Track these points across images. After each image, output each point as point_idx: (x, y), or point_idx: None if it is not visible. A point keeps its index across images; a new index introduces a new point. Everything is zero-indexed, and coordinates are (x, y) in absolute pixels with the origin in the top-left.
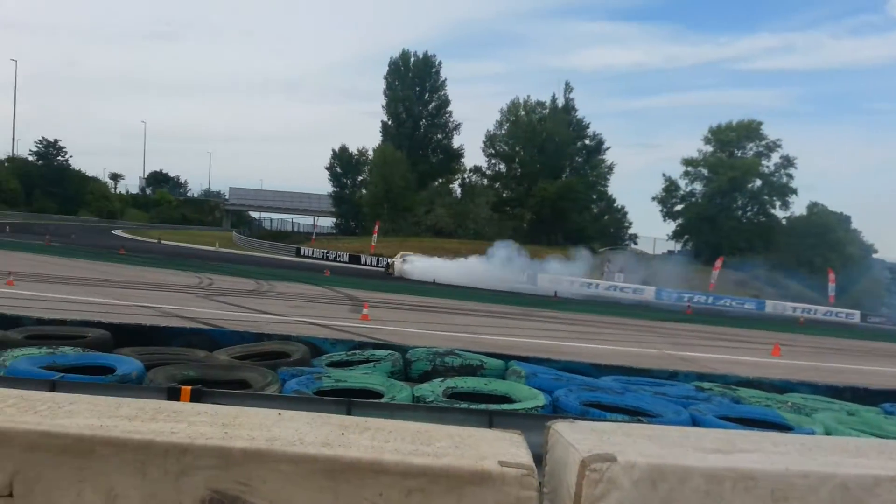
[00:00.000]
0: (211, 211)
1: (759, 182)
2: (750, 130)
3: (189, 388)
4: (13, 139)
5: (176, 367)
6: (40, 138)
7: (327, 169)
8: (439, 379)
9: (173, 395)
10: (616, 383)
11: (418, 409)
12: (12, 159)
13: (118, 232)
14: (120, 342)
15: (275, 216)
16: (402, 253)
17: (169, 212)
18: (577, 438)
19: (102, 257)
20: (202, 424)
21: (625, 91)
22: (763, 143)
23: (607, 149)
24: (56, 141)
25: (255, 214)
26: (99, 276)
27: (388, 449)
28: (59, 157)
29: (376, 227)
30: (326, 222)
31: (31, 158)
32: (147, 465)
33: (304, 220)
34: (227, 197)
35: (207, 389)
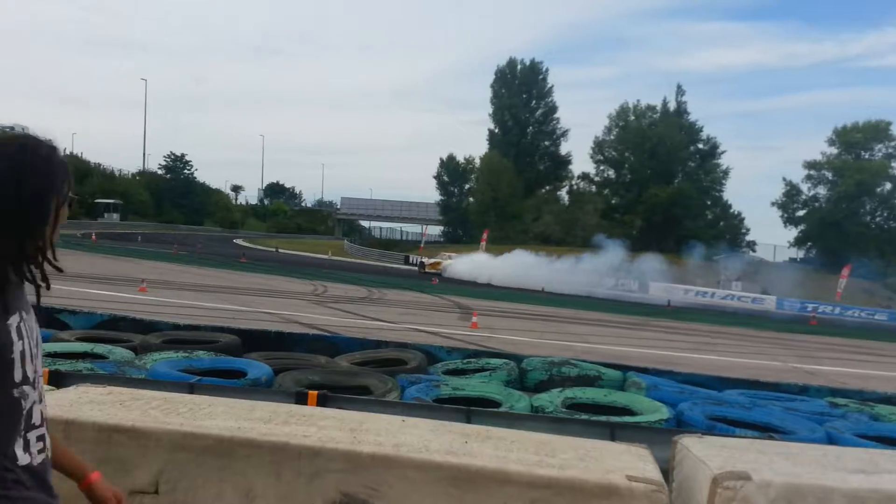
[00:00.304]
0: (324, 220)
1: (888, 185)
2: (878, 131)
3: (315, 392)
4: (144, 154)
5: (301, 372)
6: (168, 153)
7: (435, 178)
8: (557, 389)
9: (301, 399)
10: (742, 397)
11: (538, 420)
12: (143, 173)
13: (239, 241)
14: (248, 347)
15: (384, 225)
16: (444, 253)
17: (284, 221)
18: (707, 454)
19: (225, 265)
20: (331, 429)
21: (740, 92)
22: (893, 144)
23: (722, 153)
24: (182, 155)
25: (365, 223)
26: (223, 283)
27: (512, 459)
28: (186, 171)
29: (484, 235)
30: (435, 230)
31: (160, 172)
32: (282, 466)
33: (412, 229)
34: (338, 206)
35: (332, 395)
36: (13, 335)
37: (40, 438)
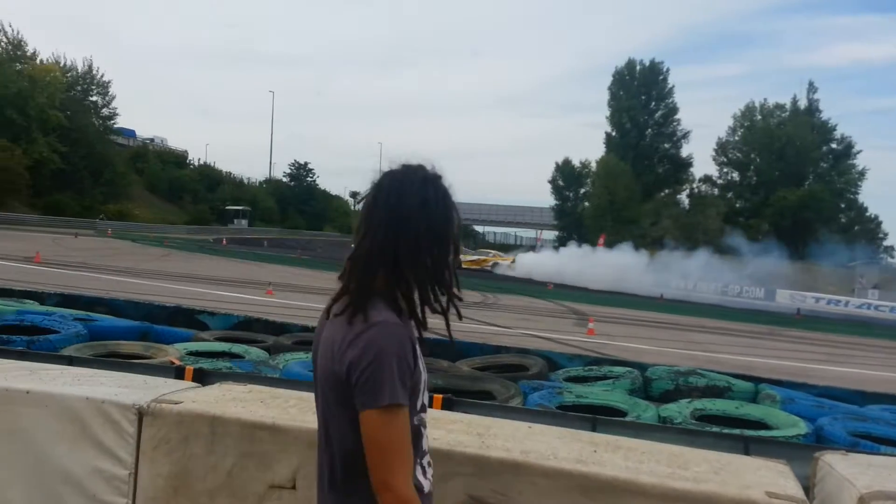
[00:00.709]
0: None
1: None
2: None
3: (440, 396)
4: (270, 163)
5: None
6: (292, 161)
7: (550, 182)
8: (686, 399)
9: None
10: (888, 413)
11: (666, 431)
12: (269, 181)
13: None
14: None
15: (498, 230)
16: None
17: None
18: (852, 473)
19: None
20: (459, 432)
21: (878, 88)
22: None
23: (858, 153)
24: (306, 163)
25: (478, 228)
26: None
27: (643, 470)
28: (308, 179)
29: (601, 240)
30: (549, 235)
31: (284, 180)
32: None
33: (526, 234)
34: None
35: (457, 399)
36: (421, 364)
37: (430, 464)
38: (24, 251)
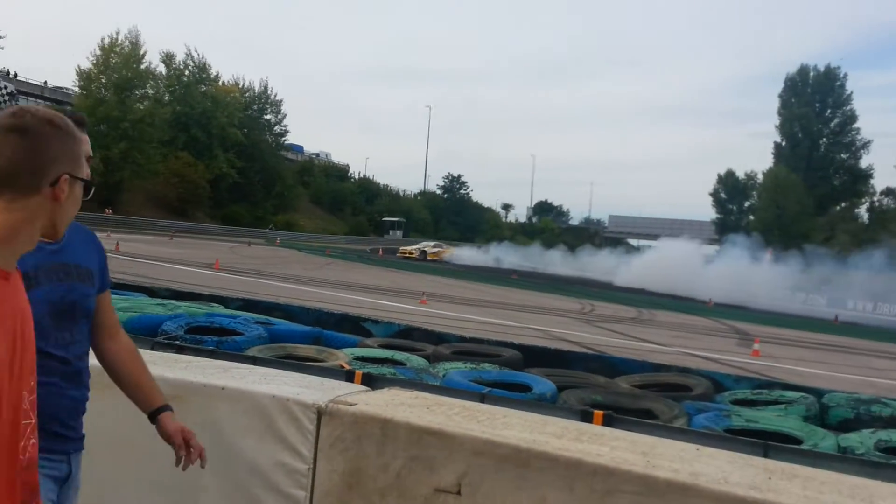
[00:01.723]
0: (590, 238)
1: None
2: None
3: (601, 412)
4: (425, 176)
5: (584, 390)
6: (446, 174)
7: (711, 195)
8: (868, 430)
9: (586, 417)
10: None
11: (847, 462)
12: (424, 193)
13: (511, 258)
14: (528, 363)
15: (654, 244)
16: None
17: (552, 239)
18: None
19: (497, 281)
20: (622, 450)
21: None
22: None
23: None
24: (459, 176)
25: (633, 242)
26: (493, 298)
27: (824, 501)
28: (461, 191)
29: (768, 256)
30: (709, 250)
31: (438, 192)
32: (575, 481)
33: None
34: (606, 225)
35: (617, 416)
36: None
37: None
38: (205, 258)
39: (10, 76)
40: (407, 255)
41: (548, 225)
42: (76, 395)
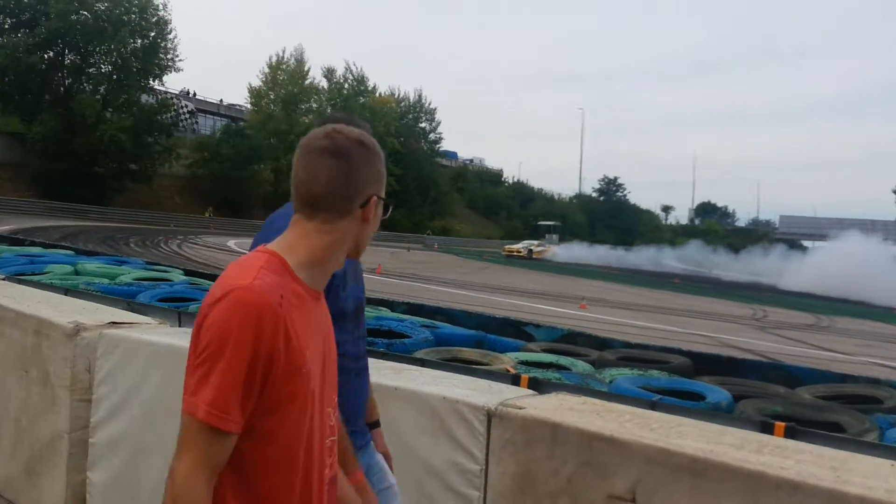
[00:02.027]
0: (759, 240)
1: None
2: None
3: (782, 424)
4: (580, 178)
5: (763, 400)
6: (602, 176)
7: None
8: None
9: (766, 429)
10: None
11: None
12: (579, 196)
13: (669, 261)
14: (699, 370)
15: (827, 244)
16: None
17: (716, 241)
18: None
19: (658, 285)
20: (808, 464)
21: None
22: None
23: None
24: (615, 178)
25: (807, 243)
26: (655, 302)
27: None
28: (618, 193)
29: None
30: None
31: (594, 195)
32: (758, 495)
33: None
34: (776, 226)
35: (802, 428)
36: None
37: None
38: (367, 263)
39: (190, 95)
40: (515, 253)
41: (711, 227)
42: (366, 390)
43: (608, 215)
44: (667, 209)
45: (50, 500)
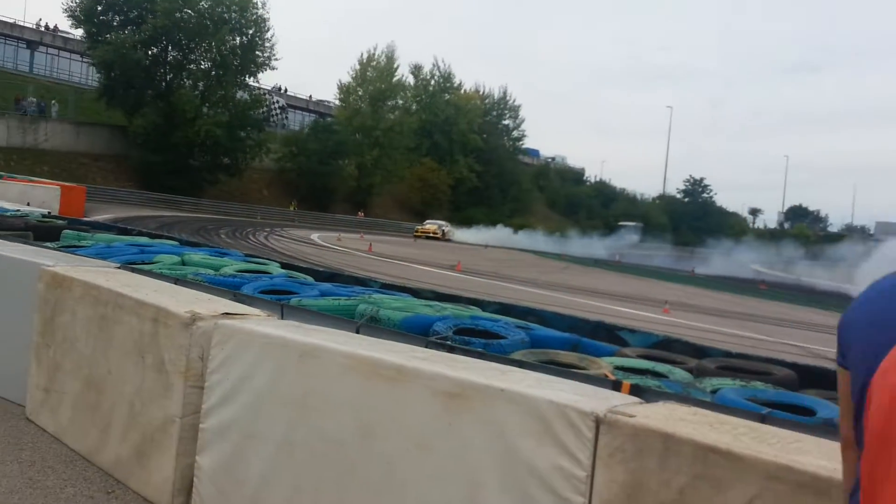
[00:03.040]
0: (852, 245)
1: None
2: None
3: None
4: (664, 179)
5: None
6: (687, 177)
7: None
8: None
9: None
10: None
11: None
12: (662, 197)
13: (756, 266)
14: (804, 383)
15: None
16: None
17: (806, 246)
18: None
19: (743, 291)
20: None
21: None
22: None
23: None
24: (701, 179)
25: None
26: (741, 308)
27: None
28: (704, 195)
29: None
30: None
31: (678, 196)
32: None
33: None
34: (871, 231)
35: None
36: None
37: None
38: (447, 260)
39: (282, 91)
40: (431, 234)
41: (802, 231)
42: None
43: (693, 217)
44: (754, 212)
45: (159, 482)
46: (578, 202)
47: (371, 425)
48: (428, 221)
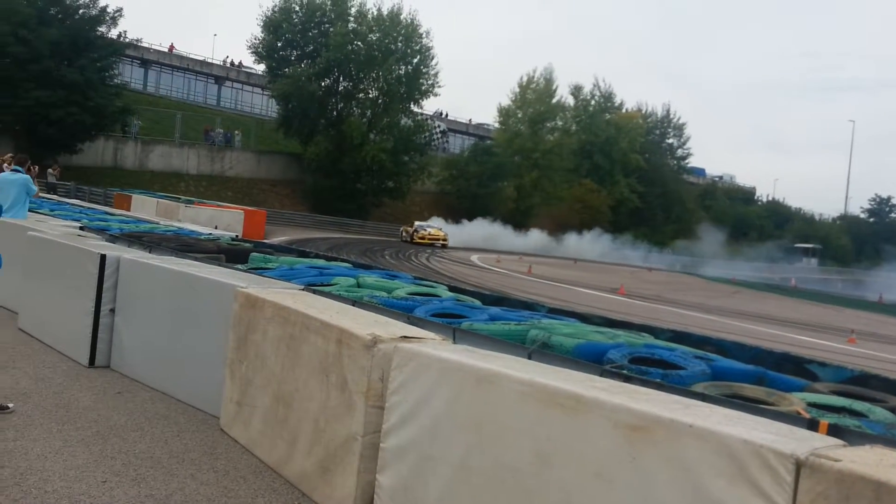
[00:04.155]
0: None
1: None
2: None
3: None
4: (846, 197)
5: None
6: (873, 195)
7: None
8: None
9: None
10: None
11: None
12: (844, 217)
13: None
14: None
15: None
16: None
17: None
18: None
19: None
20: None
21: None
22: None
23: None
24: (889, 198)
25: None
26: None
27: None
28: (892, 214)
29: None
30: None
31: (862, 216)
32: None
33: None
34: None
35: None
36: None
37: None
38: (609, 283)
39: (443, 116)
40: (439, 240)
41: None
42: None
43: (879, 238)
44: None
45: (342, 497)
46: (748, 223)
47: (548, 454)
48: (428, 224)
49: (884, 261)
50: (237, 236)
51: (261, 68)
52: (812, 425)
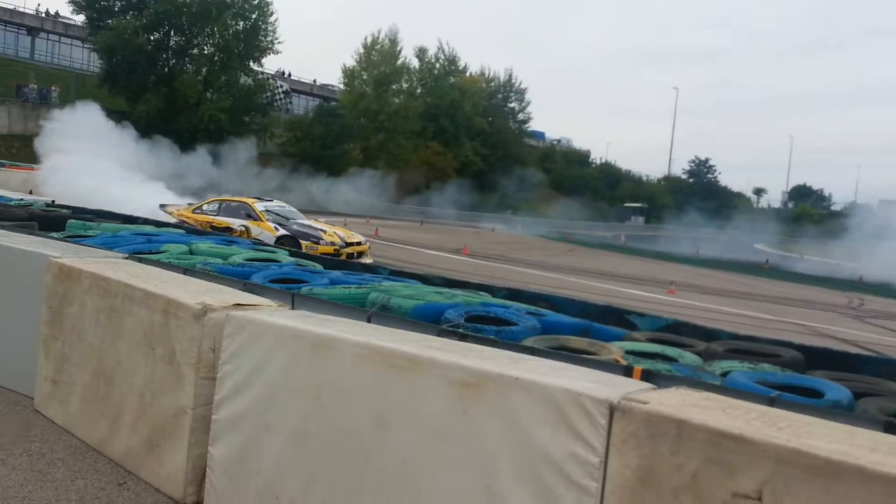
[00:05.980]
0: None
1: None
2: None
3: None
4: (669, 160)
5: (884, 399)
6: (692, 157)
7: None
8: None
9: (889, 428)
10: None
11: None
12: (668, 178)
13: (759, 246)
14: (811, 365)
15: None
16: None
17: (809, 226)
18: None
19: (748, 271)
20: None
21: None
22: None
23: None
24: (706, 160)
25: None
26: (745, 289)
27: None
28: (709, 175)
29: None
30: None
31: (683, 177)
32: (893, 499)
33: None
34: (875, 211)
35: None
36: None
37: None
38: (453, 244)
39: (286, 76)
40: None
41: (805, 211)
42: None
43: (698, 197)
44: (759, 192)
45: (170, 472)
46: (584, 184)
47: (385, 415)
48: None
49: (701, 218)
50: (53, 202)
51: (80, 19)
52: (628, 371)
